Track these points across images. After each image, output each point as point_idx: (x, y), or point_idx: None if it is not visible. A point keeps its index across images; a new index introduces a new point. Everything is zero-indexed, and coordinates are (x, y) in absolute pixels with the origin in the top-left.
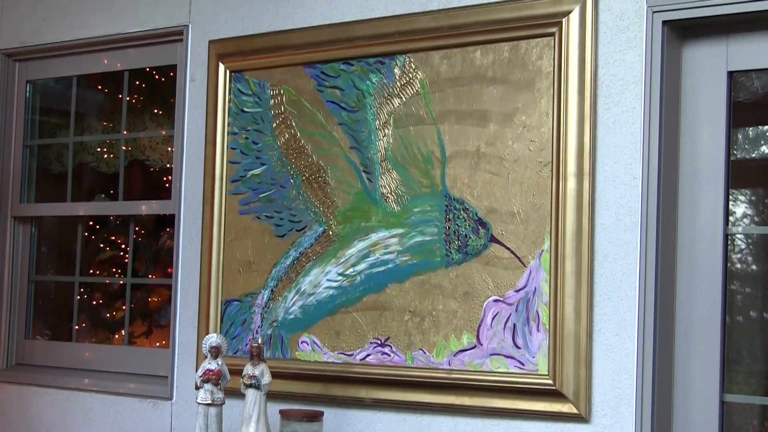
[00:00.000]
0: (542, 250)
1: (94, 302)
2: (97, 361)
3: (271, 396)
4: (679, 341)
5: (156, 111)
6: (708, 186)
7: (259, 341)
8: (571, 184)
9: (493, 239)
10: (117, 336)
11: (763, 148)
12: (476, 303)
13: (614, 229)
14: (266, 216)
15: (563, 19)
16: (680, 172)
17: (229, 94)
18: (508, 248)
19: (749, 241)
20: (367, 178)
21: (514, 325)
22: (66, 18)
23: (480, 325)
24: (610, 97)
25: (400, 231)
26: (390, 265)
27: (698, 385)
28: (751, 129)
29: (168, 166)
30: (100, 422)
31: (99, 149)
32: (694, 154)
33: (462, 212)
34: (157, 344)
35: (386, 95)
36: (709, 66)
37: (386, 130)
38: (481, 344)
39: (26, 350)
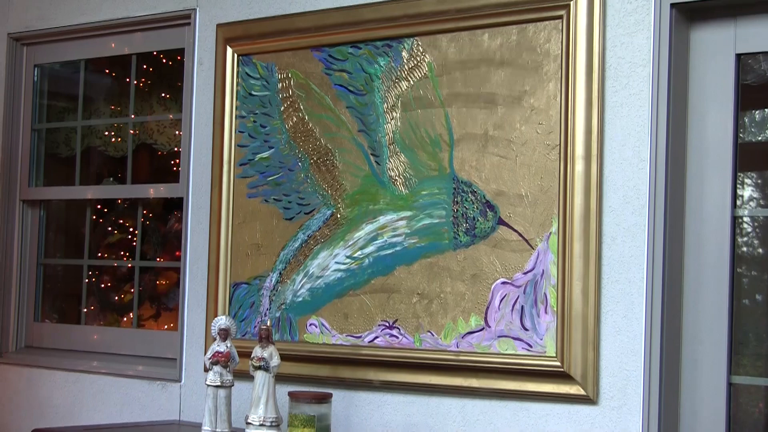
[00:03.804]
0: (550, 233)
1: (103, 285)
2: (106, 343)
3: (280, 378)
4: (686, 323)
5: (163, 95)
6: (716, 168)
7: (268, 323)
8: (579, 166)
9: (501, 222)
10: (125, 319)
11: None
12: (484, 285)
13: (622, 211)
14: (274, 199)
15: (571, 2)
16: (688, 155)
17: (237, 77)
18: (516, 231)
19: (755, 224)
20: (375, 161)
21: (522, 307)
22: (73, 2)
23: (488, 308)
24: (618, 80)
25: (408, 214)
26: (398, 248)
27: (705, 367)
28: (758, 112)
29: (175, 149)
30: (110, 404)
31: (107, 133)
32: (701, 136)
33: (470, 195)
34: (166, 327)
35: (394, 78)
36: (717, 48)
37: (394, 113)
38: (489, 326)
39: (35, 333)
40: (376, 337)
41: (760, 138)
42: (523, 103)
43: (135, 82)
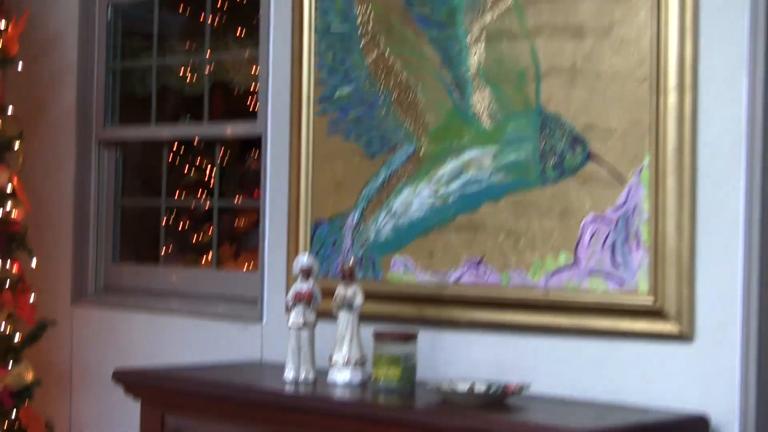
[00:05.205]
0: (642, 167)
1: (181, 226)
2: (185, 284)
3: (363, 318)
4: None
5: (239, 32)
6: None
7: (351, 262)
8: (672, 98)
9: (591, 156)
10: (205, 259)
11: None
12: (574, 221)
13: (717, 144)
14: (355, 136)
15: None
16: None
17: (315, 12)
18: (606, 165)
19: None
20: (459, 96)
21: (613, 243)
22: None
23: (578, 244)
24: (713, 6)
25: (493, 149)
26: (484, 184)
27: None
28: None
29: (252, 88)
30: (190, 345)
31: (182, 72)
32: None
33: (558, 129)
34: (246, 267)
35: (478, 10)
36: None
37: (478, 47)
38: (579, 263)
39: (114, 275)
40: (462, 276)
41: None
42: (612, 33)
43: (210, 19)
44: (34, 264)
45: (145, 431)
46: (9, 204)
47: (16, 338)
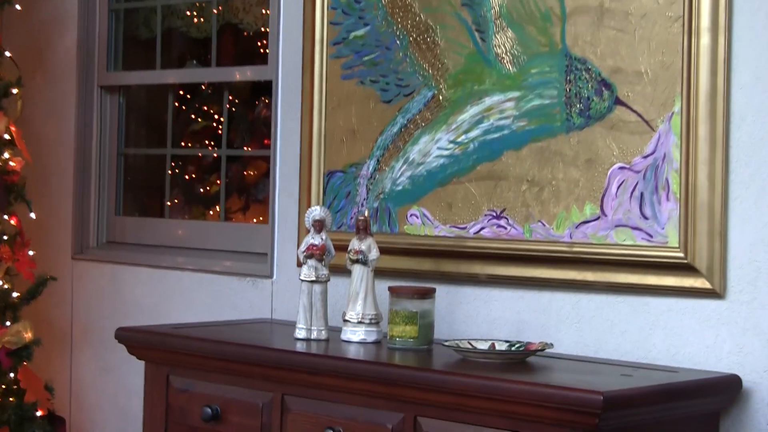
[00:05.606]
0: (672, 113)
1: (187, 176)
2: (192, 238)
3: (379, 272)
4: None
5: None
6: None
7: (366, 214)
8: (705, 40)
9: (619, 101)
10: (212, 212)
11: None
12: (600, 171)
13: (752, 89)
14: (371, 81)
15: None
16: None
17: None
18: (634, 111)
19: None
20: (480, 38)
21: (642, 194)
22: None
23: (604, 195)
24: None
25: (516, 94)
26: (506, 131)
27: None
28: None
29: (262, 29)
30: (197, 302)
31: (189, 13)
32: None
33: (584, 73)
34: (255, 220)
35: None
36: None
37: None
38: (606, 215)
39: (117, 228)
40: (483, 228)
41: None
42: None
43: None
44: (33, 216)
45: (150, 392)
46: (7, 153)
47: (15, 295)
